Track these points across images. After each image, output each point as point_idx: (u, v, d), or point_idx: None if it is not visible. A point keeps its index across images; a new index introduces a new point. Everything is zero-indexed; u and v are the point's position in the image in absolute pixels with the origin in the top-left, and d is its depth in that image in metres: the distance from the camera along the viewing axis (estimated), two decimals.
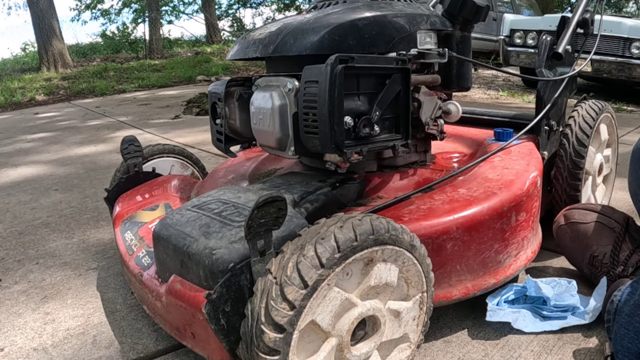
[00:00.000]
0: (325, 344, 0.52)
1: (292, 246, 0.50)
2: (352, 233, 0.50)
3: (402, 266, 0.56)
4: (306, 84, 0.64)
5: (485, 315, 0.70)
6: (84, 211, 1.41)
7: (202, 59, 8.02)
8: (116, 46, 12.17)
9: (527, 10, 7.30)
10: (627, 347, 0.57)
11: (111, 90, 5.61)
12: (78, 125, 3.29)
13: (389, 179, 0.78)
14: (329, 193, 0.68)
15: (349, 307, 0.53)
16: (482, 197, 0.69)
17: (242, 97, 0.79)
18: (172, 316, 0.60)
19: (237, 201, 0.64)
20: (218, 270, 0.52)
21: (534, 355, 0.66)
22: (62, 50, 7.59)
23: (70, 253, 1.11)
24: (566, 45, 0.96)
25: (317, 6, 0.79)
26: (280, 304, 0.46)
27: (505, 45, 3.97)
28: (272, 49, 0.70)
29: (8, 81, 6.35)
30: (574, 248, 0.83)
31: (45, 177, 1.87)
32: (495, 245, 0.69)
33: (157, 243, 0.63)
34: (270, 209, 0.49)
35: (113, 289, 0.93)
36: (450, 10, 0.78)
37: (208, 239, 0.56)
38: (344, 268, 0.50)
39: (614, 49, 3.31)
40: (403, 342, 0.60)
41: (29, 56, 10.99)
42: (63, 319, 0.83)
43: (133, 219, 0.86)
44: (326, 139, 0.62)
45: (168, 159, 1.12)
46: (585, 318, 0.71)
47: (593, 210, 0.83)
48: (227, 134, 0.83)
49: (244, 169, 0.98)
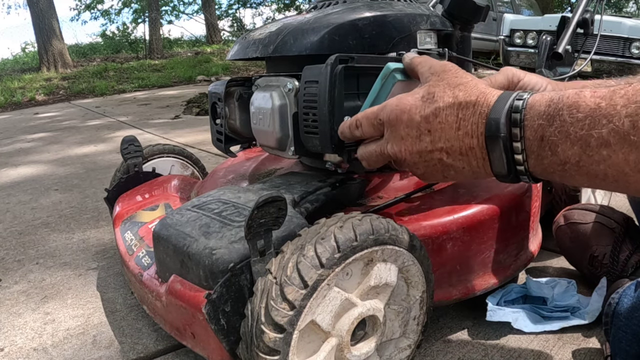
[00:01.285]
0: (325, 344, 0.52)
1: (292, 246, 0.50)
2: (352, 233, 0.50)
3: (402, 266, 0.56)
4: (306, 84, 0.64)
5: (485, 315, 0.70)
6: (84, 211, 1.41)
7: (202, 59, 8.03)
8: (116, 46, 12.18)
9: (527, 10, 7.30)
10: (625, 349, 0.57)
11: (111, 90, 5.61)
12: (78, 125, 3.29)
13: (389, 179, 0.78)
14: (329, 193, 0.68)
15: (349, 307, 0.53)
16: (483, 197, 0.69)
17: (242, 97, 0.79)
18: (172, 316, 0.60)
19: (237, 201, 0.64)
20: (218, 270, 0.52)
21: (534, 355, 0.66)
22: (62, 50, 7.59)
23: (70, 253, 1.11)
24: (566, 45, 0.96)
25: (317, 6, 0.79)
26: (280, 304, 0.46)
27: (505, 45, 3.97)
28: (272, 49, 0.70)
29: (8, 81, 6.35)
30: (573, 248, 0.83)
31: (45, 177, 1.87)
32: (496, 245, 0.69)
33: (157, 243, 0.63)
34: (270, 209, 0.49)
35: (113, 289, 0.93)
36: (450, 10, 0.78)
37: (208, 239, 0.56)
38: (344, 268, 0.50)
39: (614, 49, 3.31)
40: (403, 342, 0.60)
41: (29, 56, 11.00)
42: (63, 319, 0.83)
43: (133, 219, 0.86)
44: (326, 139, 0.62)
45: (168, 159, 1.13)
46: (585, 318, 0.71)
47: (593, 210, 0.83)
48: (227, 134, 0.83)
49: (244, 169, 0.98)
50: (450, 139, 0.46)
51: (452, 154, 0.47)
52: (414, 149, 0.49)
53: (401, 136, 0.50)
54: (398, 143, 0.50)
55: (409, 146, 0.49)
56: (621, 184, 0.38)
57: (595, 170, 0.38)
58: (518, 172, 0.44)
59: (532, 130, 0.41)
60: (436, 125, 0.47)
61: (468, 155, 0.46)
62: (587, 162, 0.38)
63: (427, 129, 0.47)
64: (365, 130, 0.55)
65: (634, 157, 0.36)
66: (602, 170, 0.38)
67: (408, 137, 0.49)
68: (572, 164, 0.39)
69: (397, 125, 0.50)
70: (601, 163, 0.38)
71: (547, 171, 0.42)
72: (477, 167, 0.46)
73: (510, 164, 0.43)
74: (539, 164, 0.42)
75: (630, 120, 0.35)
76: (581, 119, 0.38)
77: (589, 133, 0.38)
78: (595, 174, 0.39)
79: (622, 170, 0.37)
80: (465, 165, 0.47)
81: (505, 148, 0.43)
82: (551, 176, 0.42)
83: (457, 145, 0.46)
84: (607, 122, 0.37)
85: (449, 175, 0.49)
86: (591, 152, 0.38)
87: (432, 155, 0.48)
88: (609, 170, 0.38)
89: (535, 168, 0.42)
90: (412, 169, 0.51)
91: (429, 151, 0.48)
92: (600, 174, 0.38)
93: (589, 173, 0.39)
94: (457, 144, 0.46)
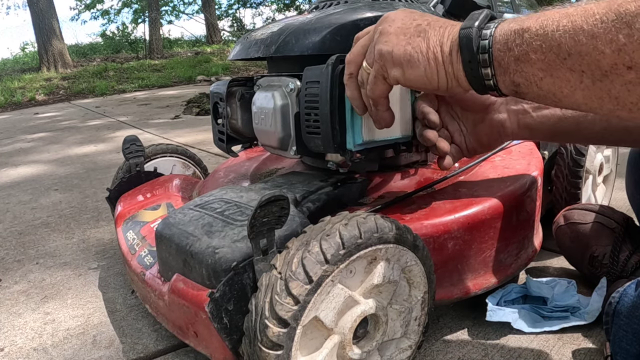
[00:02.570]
0: (328, 341, 0.52)
1: (297, 242, 0.50)
2: (357, 230, 0.50)
3: (405, 266, 0.56)
4: (307, 84, 0.64)
5: (485, 315, 0.70)
6: (84, 211, 1.41)
7: (202, 59, 8.03)
8: (116, 46, 12.18)
9: (527, 10, 7.30)
10: (625, 349, 0.57)
11: (111, 90, 5.61)
12: (78, 125, 3.29)
13: (390, 179, 0.78)
14: (330, 192, 0.68)
15: (351, 304, 0.53)
16: (483, 196, 0.70)
17: (244, 97, 0.79)
18: (175, 315, 0.60)
19: (240, 200, 0.65)
20: (221, 269, 0.52)
21: (534, 355, 0.66)
22: (62, 50, 7.59)
23: (70, 253, 1.11)
24: None
25: (319, 6, 0.79)
26: (285, 299, 0.47)
27: None
28: (274, 49, 0.70)
29: (8, 81, 6.35)
30: (573, 248, 0.84)
31: (45, 177, 1.87)
32: (496, 244, 0.70)
33: (159, 242, 0.64)
34: (273, 208, 0.49)
35: (113, 289, 0.93)
36: (450, 10, 0.78)
37: (211, 238, 0.56)
38: (348, 265, 0.51)
39: None
40: (404, 342, 0.61)
41: (28, 56, 11.00)
42: (63, 319, 0.83)
43: (135, 219, 0.86)
44: (328, 138, 0.62)
45: (170, 158, 1.13)
46: (585, 318, 0.71)
47: (593, 210, 0.84)
48: (229, 133, 0.83)
49: (245, 168, 0.98)
50: (432, 22, 0.51)
51: (432, 24, 0.51)
52: (401, 24, 0.52)
53: (390, 27, 0.53)
54: (387, 30, 0.52)
55: (397, 23, 0.52)
56: (575, 58, 0.39)
57: (551, 40, 0.40)
58: (481, 62, 0.46)
59: (500, 29, 0.45)
60: (422, 19, 0.52)
61: (445, 27, 0.50)
62: (548, 29, 0.40)
63: (413, 18, 0.53)
64: (359, 36, 0.58)
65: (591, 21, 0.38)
66: (557, 38, 0.40)
67: (397, 20, 0.53)
68: (531, 32, 0.42)
69: (386, 21, 0.54)
70: (559, 30, 0.39)
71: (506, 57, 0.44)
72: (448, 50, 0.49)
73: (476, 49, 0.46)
74: (501, 30, 0.45)
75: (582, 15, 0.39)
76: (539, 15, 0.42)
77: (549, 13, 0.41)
78: (550, 45, 0.40)
79: (576, 39, 0.38)
80: (438, 37, 0.50)
81: (475, 36, 0.46)
82: (513, 73, 0.45)
83: (435, 25, 0.51)
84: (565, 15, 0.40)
85: (412, 42, 0.51)
86: (550, 22, 0.40)
87: (415, 25, 0.51)
88: (564, 39, 0.39)
89: (498, 38, 0.45)
90: (383, 30, 0.53)
91: (416, 23, 0.51)
92: (554, 44, 0.40)
93: (544, 44, 0.41)
94: (436, 24, 0.51)
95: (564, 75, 0.41)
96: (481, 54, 0.46)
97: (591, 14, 0.38)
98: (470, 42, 0.47)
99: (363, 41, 0.57)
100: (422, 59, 0.50)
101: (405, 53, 0.50)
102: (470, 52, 0.47)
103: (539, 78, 0.43)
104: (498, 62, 0.45)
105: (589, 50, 0.38)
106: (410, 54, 0.50)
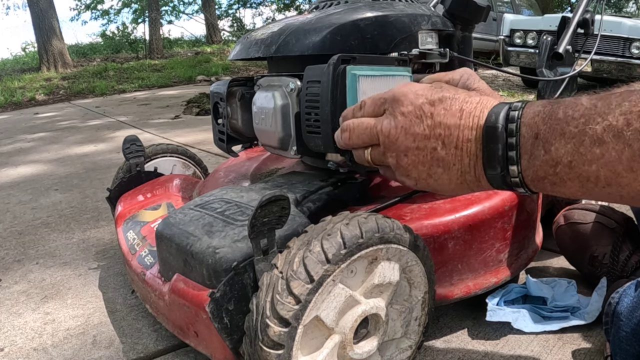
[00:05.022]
0: (329, 341, 0.52)
1: (298, 242, 0.50)
2: (358, 230, 0.50)
3: (405, 266, 0.56)
4: (308, 84, 0.64)
5: (485, 315, 0.70)
6: (84, 211, 1.41)
7: (202, 59, 8.02)
8: (116, 46, 12.17)
9: (527, 10, 7.31)
10: (625, 349, 0.57)
11: (111, 90, 5.61)
12: (78, 125, 3.29)
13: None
14: (331, 192, 0.68)
15: (352, 304, 0.53)
16: (484, 196, 0.69)
17: (244, 97, 0.79)
18: (175, 315, 0.60)
19: (240, 200, 0.65)
20: (221, 269, 0.52)
21: (534, 355, 0.67)
22: (62, 50, 7.59)
23: (70, 253, 1.11)
24: (567, 45, 0.97)
25: (319, 6, 0.79)
26: (286, 298, 0.47)
27: (505, 45, 3.98)
28: (275, 49, 0.70)
29: (8, 81, 6.35)
30: (574, 248, 0.84)
31: (45, 177, 1.87)
32: (497, 244, 0.70)
33: (160, 242, 0.63)
34: (273, 207, 0.49)
35: (113, 289, 0.93)
36: (451, 10, 0.78)
37: (211, 237, 0.56)
38: (349, 265, 0.51)
39: (614, 49, 3.31)
40: (404, 342, 0.61)
41: (29, 56, 10.99)
42: (63, 319, 0.83)
43: (135, 219, 0.86)
44: (328, 138, 0.62)
45: (170, 158, 1.13)
46: (585, 318, 0.71)
47: (593, 210, 0.84)
48: (229, 133, 0.83)
49: (246, 168, 0.98)
50: (450, 126, 0.46)
51: (447, 145, 0.46)
52: (411, 130, 0.48)
53: (402, 112, 0.48)
54: (397, 119, 0.49)
55: (407, 125, 0.48)
56: (614, 187, 0.38)
57: (587, 172, 0.38)
58: (510, 172, 0.43)
59: (527, 127, 0.42)
60: (440, 110, 0.47)
61: (462, 149, 0.46)
62: (580, 161, 0.38)
63: (430, 112, 0.47)
64: (367, 110, 0.53)
65: (628, 154, 0.36)
66: (594, 171, 0.38)
67: (409, 115, 0.48)
68: (564, 164, 0.39)
69: (401, 100, 0.49)
70: (594, 162, 0.37)
71: (538, 175, 0.42)
72: (467, 166, 0.46)
73: (503, 162, 0.43)
74: (531, 165, 0.42)
75: (624, 118, 0.36)
76: (576, 118, 0.38)
77: (583, 130, 0.38)
78: (587, 176, 0.38)
79: (614, 170, 0.37)
80: (456, 162, 0.46)
81: (500, 140, 0.43)
82: (542, 183, 0.42)
83: (455, 135, 0.46)
84: (601, 120, 0.37)
85: (433, 175, 0.48)
86: (584, 151, 0.38)
87: (427, 142, 0.47)
88: (602, 172, 0.37)
89: (528, 170, 0.42)
90: (398, 155, 0.49)
91: (426, 136, 0.47)
92: (592, 176, 0.38)
93: (581, 176, 0.39)
94: (455, 134, 0.46)
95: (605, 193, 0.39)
96: (512, 178, 0.44)
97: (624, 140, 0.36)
98: (499, 179, 0.45)
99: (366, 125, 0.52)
100: (447, 189, 0.48)
101: (428, 186, 0.49)
102: (503, 180, 0.45)
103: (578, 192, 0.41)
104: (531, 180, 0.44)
105: (630, 181, 0.37)
106: (434, 188, 0.49)
